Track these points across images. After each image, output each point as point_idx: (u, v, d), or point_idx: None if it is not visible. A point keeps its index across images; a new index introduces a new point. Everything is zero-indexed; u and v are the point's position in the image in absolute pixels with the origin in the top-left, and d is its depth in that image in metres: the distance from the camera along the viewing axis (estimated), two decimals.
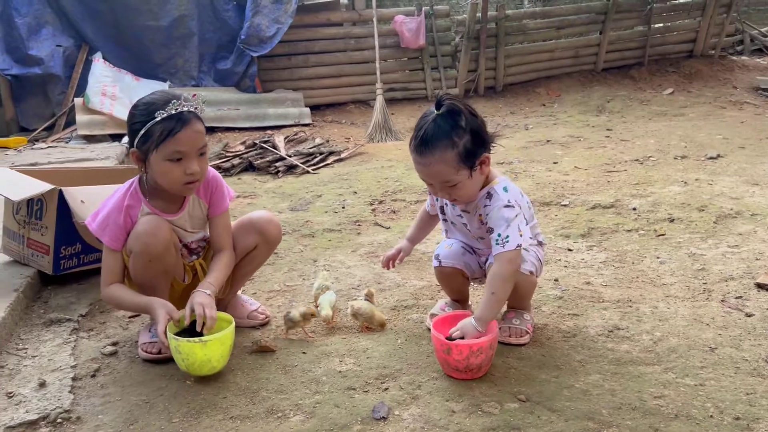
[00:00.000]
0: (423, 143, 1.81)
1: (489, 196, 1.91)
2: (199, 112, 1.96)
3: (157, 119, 1.87)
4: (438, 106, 1.81)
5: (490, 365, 1.85)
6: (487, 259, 2.01)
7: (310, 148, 5.56)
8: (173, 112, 1.87)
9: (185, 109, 1.90)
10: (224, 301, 2.26)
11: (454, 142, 1.79)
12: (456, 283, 2.14)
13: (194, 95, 1.98)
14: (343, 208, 3.82)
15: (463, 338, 1.81)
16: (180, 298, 2.18)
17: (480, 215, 1.94)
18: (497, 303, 1.86)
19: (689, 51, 8.67)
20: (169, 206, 2.06)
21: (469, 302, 2.26)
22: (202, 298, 1.94)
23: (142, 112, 1.91)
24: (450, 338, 1.84)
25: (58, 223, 2.49)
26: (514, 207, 1.87)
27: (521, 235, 1.84)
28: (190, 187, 1.99)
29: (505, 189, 1.91)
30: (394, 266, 2.25)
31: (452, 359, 1.78)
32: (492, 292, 1.84)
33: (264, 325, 2.26)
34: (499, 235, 1.85)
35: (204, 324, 1.88)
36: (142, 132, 1.89)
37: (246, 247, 2.18)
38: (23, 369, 1.98)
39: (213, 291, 1.99)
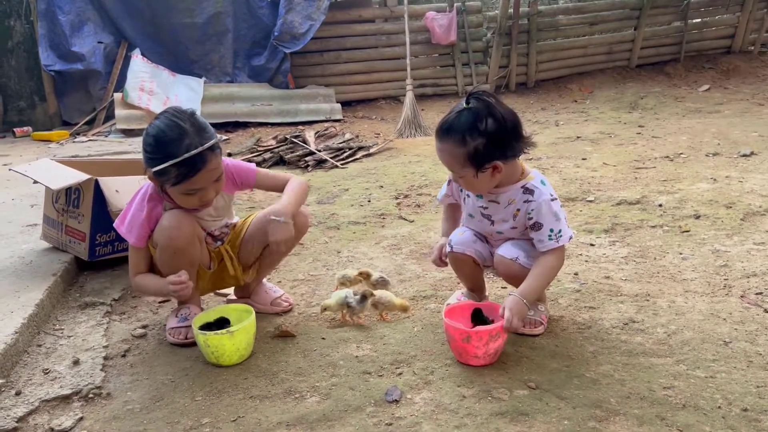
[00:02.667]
0: (441, 130, 1.86)
1: (529, 191, 1.93)
2: (213, 141, 1.92)
3: (170, 164, 1.86)
4: (467, 101, 1.82)
5: (501, 352, 1.90)
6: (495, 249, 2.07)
7: (340, 143, 5.64)
8: (188, 156, 1.86)
9: (200, 149, 1.87)
10: (249, 287, 2.35)
11: (466, 141, 1.81)
12: (468, 270, 2.18)
13: (195, 114, 1.97)
14: (369, 201, 3.88)
15: (504, 317, 1.84)
16: (207, 285, 2.28)
17: (518, 210, 1.95)
18: (542, 286, 1.93)
19: (727, 47, 8.50)
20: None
21: (486, 293, 2.30)
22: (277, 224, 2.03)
23: (156, 148, 1.88)
24: (478, 319, 1.92)
25: (94, 212, 2.61)
26: (557, 200, 1.93)
27: (569, 228, 1.93)
28: (205, 207, 2.08)
29: (543, 182, 1.95)
30: (445, 263, 2.22)
31: (472, 346, 1.82)
32: (541, 277, 1.90)
33: (286, 312, 2.34)
34: (551, 230, 1.89)
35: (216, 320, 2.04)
36: (156, 169, 1.89)
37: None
38: (59, 348, 2.10)
39: (287, 216, 2.04)
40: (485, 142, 1.80)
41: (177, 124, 1.88)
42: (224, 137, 6.52)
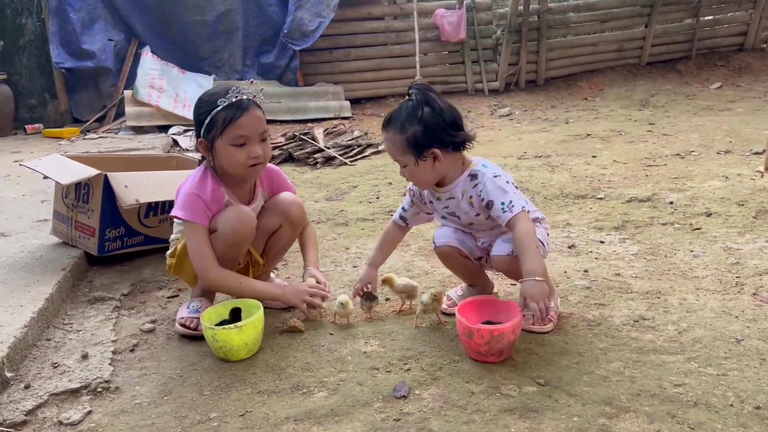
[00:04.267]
0: (385, 121, 1.99)
1: (473, 176, 1.99)
2: (258, 99, 2.07)
3: (219, 107, 1.99)
4: (407, 93, 1.95)
5: (513, 350, 1.88)
6: (483, 241, 2.08)
7: (349, 140, 5.64)
8: (233, 99, 2.00)
9: (244, 96, 2.02)
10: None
11: (404, 129, 1.91)
12: (457, 263, 2.17)
13: (252, 82, 2.10)
14: (377, 198, 3.87)
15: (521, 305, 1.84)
16: None
17: (471, 197, 1.99)
18: (535, 254, 1.86)
19: (740, 44, 8.43)
20: (244, 196, 2.18)
21: (493, 290, 2.29)
22: (313, 272, 2.29)
23: (205, 103, 2.04)
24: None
25: (103, 207, 2.62)
26: (501, 175, 1.97)
27: (522, 199, 1.94)
28: (254, 170, 2.10)
29: (485, 165, 2.01)
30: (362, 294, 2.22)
31: (474, 343, 1.82)
32: (526, 248, 1.86)
33: (293, 307, 2.33)
34: (502, 203, 1.91)
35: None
36: (207, 121, 2.01)
37: (271, 227, 2.27)
38: (68, 342, 2.11)
39: (316, 266, 2.35)
40: (422, 129, 1.90)
41: (223, 86, 2.06)
42: None
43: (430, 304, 2.08)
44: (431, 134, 1.91)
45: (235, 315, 2.06)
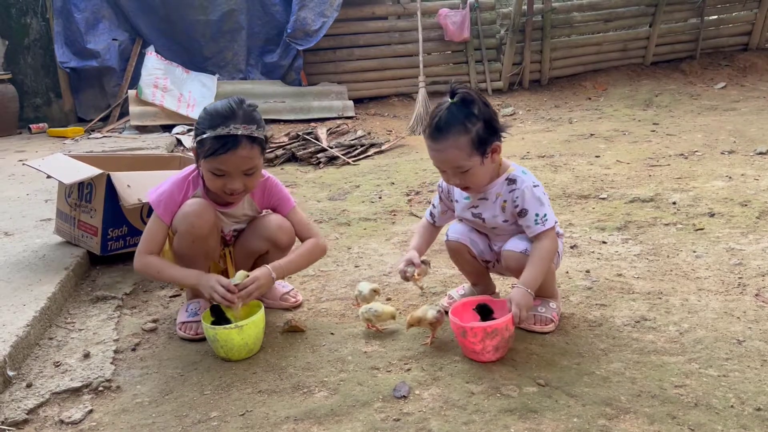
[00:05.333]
0: (437, 129, 1.87)
1: (511, 181, 1.97)
2: (257, 133, 1.97)
3: (208, 135, 1.94)
4: (452, 95, 1.88)
5: (509, 348, 1.89)
6: (499, 245, 2.07)
7: (352, 140, 5.64)
8: (223, 133, 1.92)
9: (238, 132, 1.93)
10: None
11: (468, 129, 1.85)
12: (464, 261, 2.17)
13: (256, 108, 2.03)
14: (380, 198, 3.88)
15: (510, 310, 1.85)
16: None
17: (504, 201, 1.98)
18: (541, 271, 1.91)
19: (744, 44, 8.39)
20: (221, 199, 2.13)
21: (495, 290, 2.29)
22: (261, 272, 2.02)
23: (204, 120, 1.98)
24: (486, 313, 1.93)
25: (106, 206, 2.63)
26: (539, 186, 1.96)
27: (553, 214, 1.95)
28: (230, 198, 2.08)
29: (524, 172, 1.99)
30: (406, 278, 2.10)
31: (468, 342, 1.84)
32: (537, 262, 1.90)
33: (296, 307, 2.34)
34: (536, 214, 1.92)
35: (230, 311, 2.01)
36: (197, 139, 1.99)
37: (257, 250, 2.23)
38: (70, 341, 2.11)
39: (278, 272, 2.06)
40: (483, 125, 1.87)
41: (230, 106, 1.97)
42: None
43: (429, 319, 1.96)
44: (491, 128, 1.89)
45: (218, 313, 2.03)
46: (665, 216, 3.20)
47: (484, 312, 1.95)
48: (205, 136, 1.94)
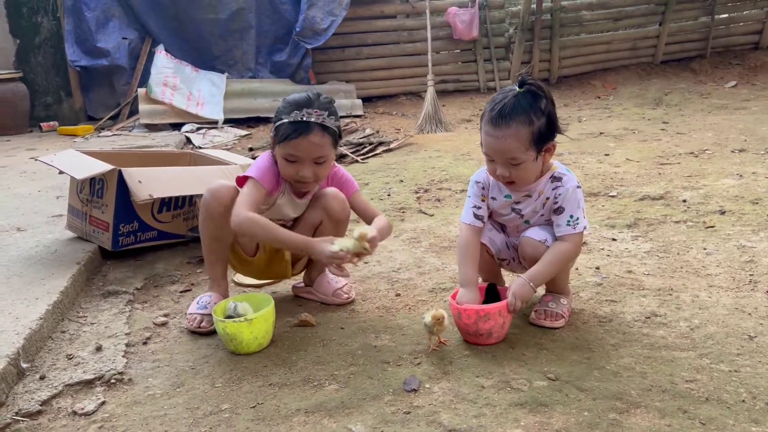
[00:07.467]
0: (501, 115, 1.83)
1: (556, 179, 1.97)
2: (329, 123, 2.04)
3: (284, 121, 2.03)
4: (521, 85, 1.85)
5: (505, 334, 1.94)
6: (517, 239, 2.08)
7: (360, 138, 5.65)
8: (298, 119, 2.01)
9: (311, 119, 2.01)
10: (312, 276, 2.39)
11: (531, 121, 1.83)
12: (481, 261, 2.15)
13: (332, 101, 2.10)
14: (389, 195, 3.88)
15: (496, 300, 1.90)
16: (248, 271, 2.39)
17: (547, 198, 1.98)
18: (550, 272, 1.93)
19: (755, 43, 8.34)
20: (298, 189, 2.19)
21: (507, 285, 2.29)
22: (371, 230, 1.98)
23: (283, 108, 2.06)
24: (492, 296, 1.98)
25: (117, 202, 2.65)
26: (581, 188, 1.97)
27: (585, 218, 1.96)
28: (300, 186, 2.13)
29: (568, 170, 2.00)
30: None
31: (462, 323, 1.89)
32: (550, 261, 1.91)
33: (347, 304, 2.32)
34: (571, 216, 1.93)
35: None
36: (274, 126, 2.07)
37: (313, 222, 2.25)
38: (82, 334, 2.13)
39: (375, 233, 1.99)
40: (546, 121, 1.85)
41: (308, 96, 2.06)
42: (245, 132, 6.56)
43: (432, 326, 1.88)
44: (553, 126, 1.87)
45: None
46: (675, 213, 3.19)
47: (492, 294, 1.98)
48: (283, 121, 2.03)
